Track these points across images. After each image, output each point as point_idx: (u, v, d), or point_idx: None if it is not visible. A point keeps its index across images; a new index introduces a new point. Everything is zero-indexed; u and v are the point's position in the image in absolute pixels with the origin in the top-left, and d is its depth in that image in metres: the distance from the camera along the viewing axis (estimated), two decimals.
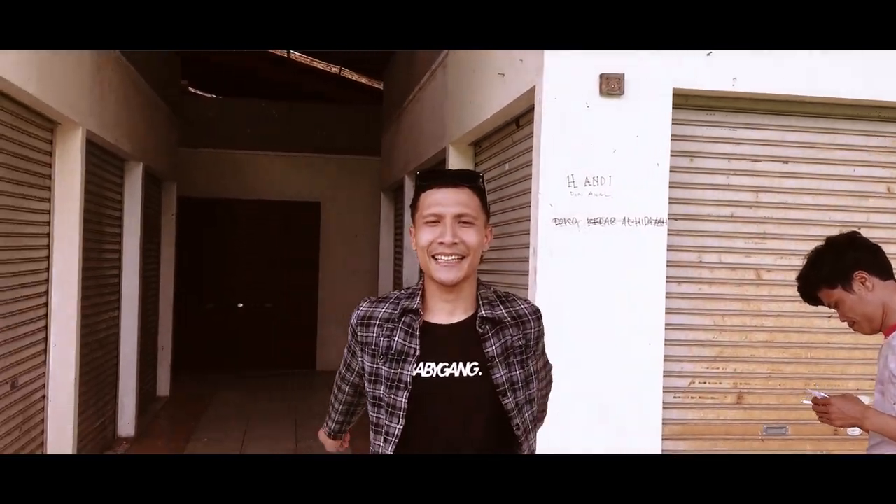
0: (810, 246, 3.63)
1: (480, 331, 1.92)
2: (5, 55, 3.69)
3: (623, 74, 3.44)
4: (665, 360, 3.57)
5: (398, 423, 1.88)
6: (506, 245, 4.32)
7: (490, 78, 4.38)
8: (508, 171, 4.47)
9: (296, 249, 11.27)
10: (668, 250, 3.57)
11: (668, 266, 3.57)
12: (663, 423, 3.59)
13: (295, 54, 10.57)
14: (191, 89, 12.65)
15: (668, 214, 3.55)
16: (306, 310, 11.31)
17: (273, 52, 10.41)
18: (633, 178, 3.46)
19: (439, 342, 1.92)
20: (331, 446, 2.34)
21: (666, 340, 3.57)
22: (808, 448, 3.75)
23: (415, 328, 1.93)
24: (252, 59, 10.46)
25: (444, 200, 1.91)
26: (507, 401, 1.90)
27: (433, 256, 1.90)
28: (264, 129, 11.17)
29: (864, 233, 3.72)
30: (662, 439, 3.56)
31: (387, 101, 9.65)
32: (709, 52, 3.50)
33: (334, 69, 11.16)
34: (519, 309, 1.98)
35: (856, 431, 2.54)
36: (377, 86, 10.96)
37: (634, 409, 3.48)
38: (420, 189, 1.97)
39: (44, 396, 4.86)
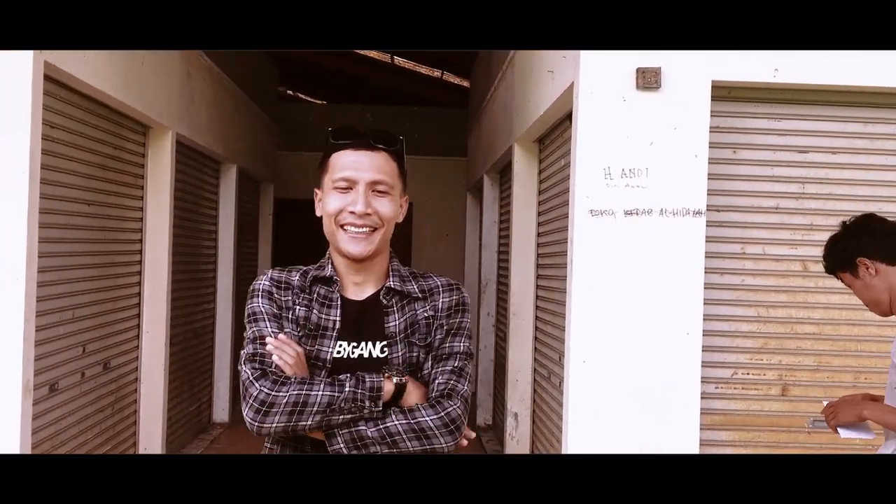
0: None
1: (384, 301, 1.77)
2: (100, 66, 4.10)
3: (660, 68, 3.50)
4: (706, 351, 3.61)
5: None
6: (566, 239, 4.43)
7: (543, 76, 4.51)
8: (564, 165, 4.58)
9: (391, 248, 11.62)
10: (710, 241, 3.60)
11: (709, 257, 3.60)
12: (705, 413, 3.63)
13: (398, 59, 10.97)
14: (293, 93, 13.28)
15: (710, 206, 3.59)
16: None
17: (376, 56, 10.83)
18: (670, 170, 3.52)
19: (350, 319, 1.75)
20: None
21: (708, 331, 3.61)
22: (856, 442, 3.68)
23: (332, 298, 1.76)
24: (354, 64, 10.91)
25: (359, 164, 1.73)
26: (398, 365, 1.73)
27: (341, 226, 1.73)
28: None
29: None
30: (703, 428, 3.59)
31: (471, 102, 9.86)
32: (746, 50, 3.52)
33: (436, 73, 11.49)
34: (431, 283, 1.82)
35: (865, 435, 2.55)
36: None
37: (672, 397, 3.53)
38: (331, 148, 1.77)
39: (136, 378, 5.31)
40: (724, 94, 3.61)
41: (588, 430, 3.55)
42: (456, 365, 1.75)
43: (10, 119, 3.44)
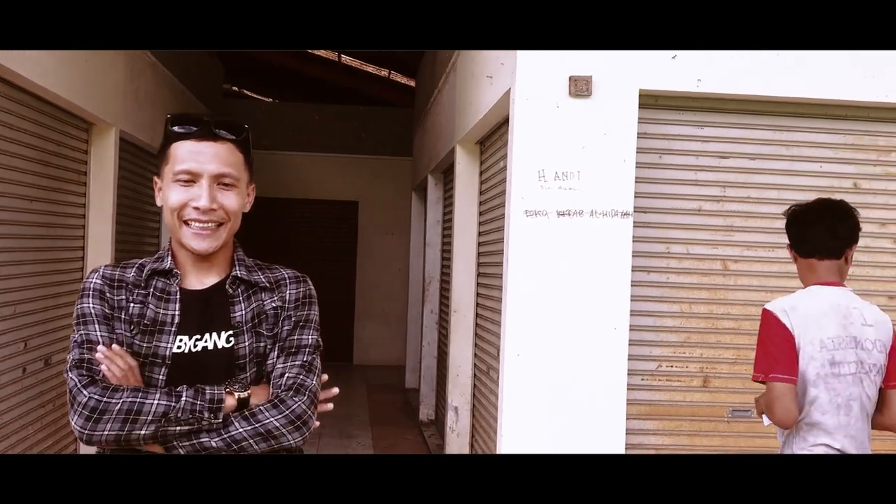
0: (777, 238, 3.87)
1: (230, 291, 1.70)
2: (42, 63, 4.12)
3: (591, 76, 3.69)
4: (633, 345, 3.81)
5: None
6: (500, 238, 4.60)
7: (483, 81, 4.67)
8: (503, 167, 4.74)
9: (335, 247, 11.72)
10: (637, 241, 3.80)
11: (636, 256, 3.80)
12: (632, 403, 3.83)
13: (346, 58, 11.03)
14: (240, 91, 13.23)
15: (637, 208, 3.79)
16: (344, 305, 11.73)
17: (324, 55, 10.88)
18: (600, 174, 3.71)
19: (191, 311, 1.68)
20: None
21: (634, 326, 3.81)
22: (772, 430, 3.93)
23: (171, 292, 1.68)
24: (302, 62, 10.93)
25: (201, 156, 1.63)
26: (242, 376, 1.67)
27: (185, 222, 1.64)
28: (306, 132, 11.63)
29: None
30: (629, 418, 3.80)
31: (417, 102, 10.00)
32: (674, 55, 3.73)
33: (384, 72, 11.59)
34: (278, 274, 1.78)
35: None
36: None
37: (601, 389, 3.71)
38: (172, 137, 1.66)
39: None
40: (651, 102, 3.81)
41: (522, 421, 3.72)
42: (305, 359, 1.71)
43: None
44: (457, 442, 5.85)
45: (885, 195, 3.97)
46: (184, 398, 1.57)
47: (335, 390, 1.84)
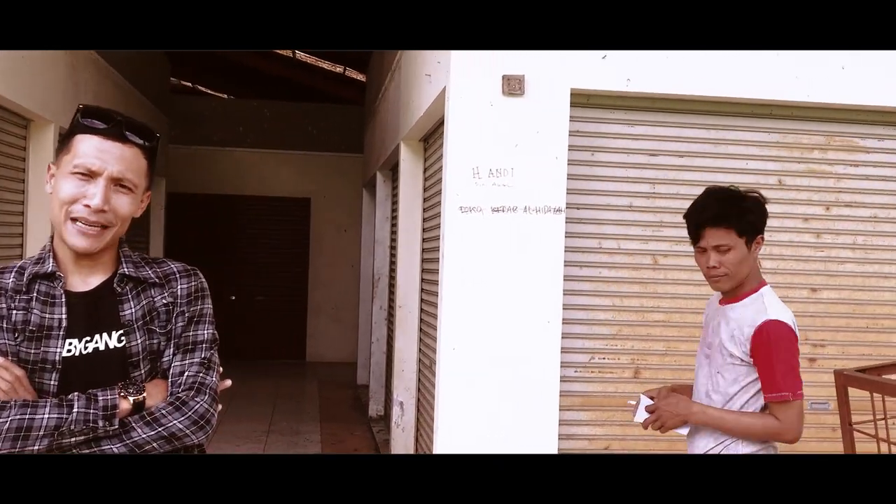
0: None
1: (118, 289, 1.67)
2: None
3: (523, 76, 3.77)
4: (566, 338, 3.91)
5: None
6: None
7: (422, 79, 4.73)
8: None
9: (287, 244, 11.70)
10: (569, 237, 3.90)
11: (569, 251, 3.90)
12: (565, 395, 3.93)
13: (300, 54, 10.99)
14: (192, 86, 13.09)
15: (569, 204, 3.88)
16: (297, 302, 11.72)
17: (278, 51, 10.83)
18: (533, 171, 3.79)
19: (79, 312, 1.64)
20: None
21: (567, 319, 3.90)
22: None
23: (55, 296, 1.63)
24: (254, 58, 10.86)
25: (105, 155, 1.60)
26: (136, 373, 1.64)
27: (72, 218, 1.60)
28: (257, 127, 11.58)
29: None
30: (563, 409, 3.89)
31: (367, 99, 10.02)
32: (604, 55, 3.83)
33: (339, 69, 11.57)
34: (167, 269, 1.74)
35: (685, 430, 2.53)
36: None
37: (535, 381, 3.80)
38: (80, 129, 1.62)
39: None
40: (582, 101, 3.91)
41: (457, 414, 3.79)
42: (203, 356, 1.69)
43: None
44: (402, 437, 5.91)
45: (807, 191, 4.12)
46: (76, 409, 1.54)
47: (228, 382, 1.80)
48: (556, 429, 3.80)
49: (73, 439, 1.54)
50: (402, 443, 5.90)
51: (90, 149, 1.60)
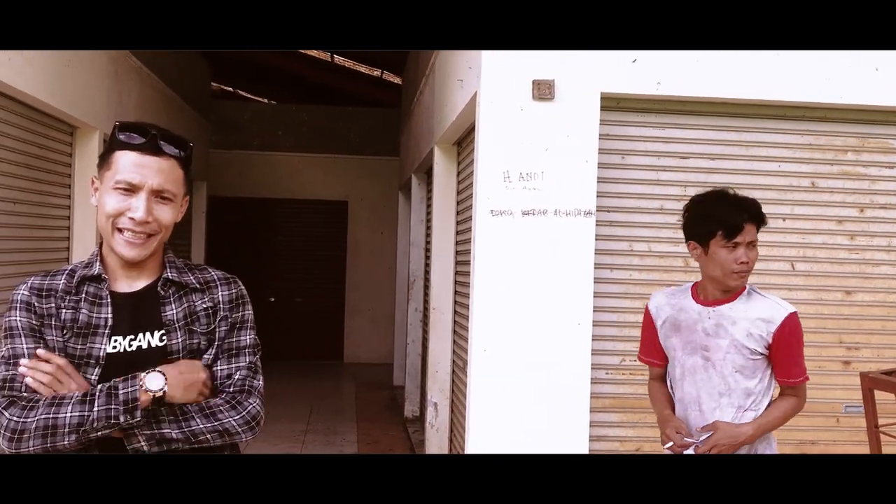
0: None
1: (162, 292, 1.77)
2: (24, 68, 4.23)
3: (553, 80, 3.81)
4: (597, 340, 3.93)
5: None
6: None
7: (455, 84, 4.79)
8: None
9: (325, 246, 11.84)
10: (600, 239, 3.92)
11: (600, 254, 3.93)
12: (596, 397, 3.96)
13: (338, 58, 11.14)
14: (234, 91, 13.33)
15: (600, 207, 3.91)
16: (334, 304, 11.85)
17: (315, 55, 10.99)
18: (563, 174, 3.83)
19: (124, 312, 1.75)
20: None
21: (598, 321, 3.93)
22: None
23: (102, 297, 1.74)
24: (293, 62, 11.03)
25: (144, 170, 1.69)
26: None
27: (118, 229, 1.71)
28: (296, 131, 11.75)
29: (789, 224, 4.06)
30: (594, 411, 3.92)
31: (403, 102, 10.12)
32: (634, 59, 3.85)
33: (376, 72, 11.70)
34: (208, 275, 1.84)
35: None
36: None
37: (565, 382, 3.83)
38: (118, 145, 1.71)
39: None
40: (612, 104, 3.93)
41: (488, 415, 3.84)
42: (250, 361, 1.80)
43: None
44: (436, 437, 5.97)
45: (841, 193, 4.09)
46: (97, 406, 1.61)
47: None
48: (586, 430, 3.83)
49: (99, 433, 1.62)
50: (436, 443, 5.96)
51: (129, 164, 1.70)
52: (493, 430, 3.83)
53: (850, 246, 4.10)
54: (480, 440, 3.83)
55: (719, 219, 2.53)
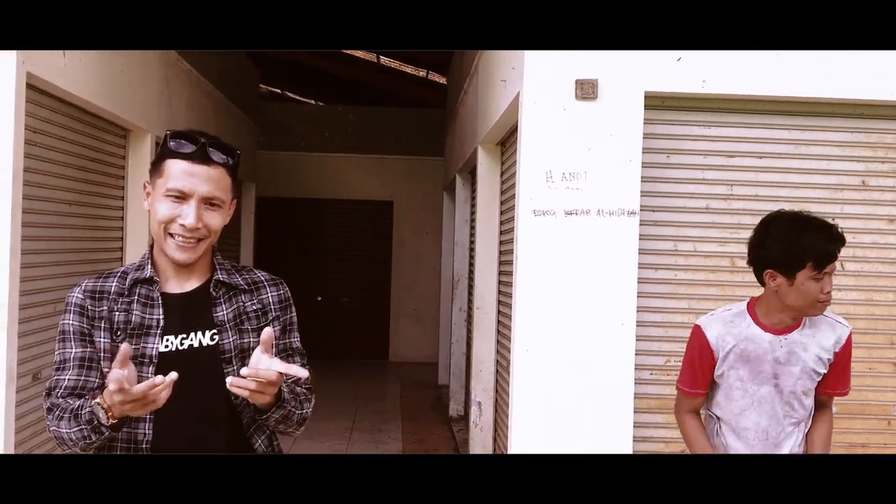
0: None
1: (214, 294, 1.83)
2: (79, 74, 4.37)
3: (597, 80, 3.80)
4: (641, 340, 3.91)
5: None
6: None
7: (498, 84, 4.80)
8: None
9: (370, 246, 11.95)
10: (644, 239, 3.90)
11: (644, 254, 3.90)
12: (640, 397, 3.94)
13: (384, 59, 11.25)
14: (282, 92, 13.52)
15: (644, 206, 3.89)
16: (380, 303, 11.95)
17: (362, 56, 11.11)
18: (607, 174, 3.81)
19: (176, 312, 1.81)
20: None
21: (642, 322, 3.91)
22: None
23: (153, 298, 1.80)
24: (339, 64, 11.17)
25: (194, 179, 1.74)
26: (229, 368, 1.79)
27: (170, 234, 1.77)
28: (342, 132, 11.88)
29: (839, 223, 3.99)
30: (638, 412, 3.90)
31: (448, 103, 10.15)
32: (679, 57, 3.82)
33: (422, 73, 11.79)
34: (255, 276, 1.91)
35: (834, 409, 2.67)
36: None
37: (609, 382, 3.82)
38: (169, 154, 1.76)
39: None
40: (657, 103, 3.91)
41: (531, 415, 3.84)
42: (303, 363, 1.90)
43: None
44: (480, 436, 5.99)
45: (893, 192, 4.00)
46: (73, 427, 1.68)
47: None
48: (631, 431, 3.82)
49: (97, 443, 1.71)
50: (480, 442, 5.99)
51: (179, 173, 1.75)
52: (536, 430, 3.83)
53: None
54: (523, 439, 3.84)
55: (810, 248, 2.32)
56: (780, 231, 2.39)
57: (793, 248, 2.34)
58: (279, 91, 13.82)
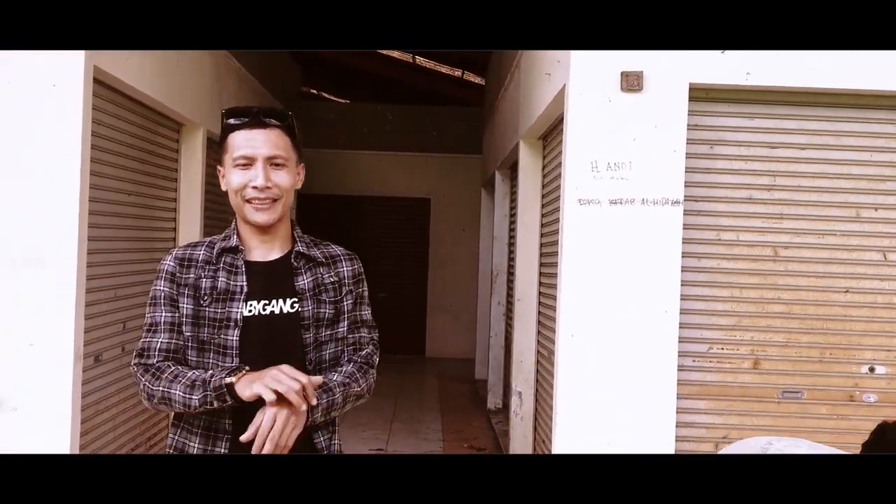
0: (826, 225, 4.01)
1: (295, 264, 1.95)
2: (140, 69, 4.56)
3: (642, 72, 3.89)
4: (685, 328, 3.99)
5: (231, 363, 1.86)
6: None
7: (542, 78, 4.90)
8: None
9: (408, 243, 12.11)
10: (688, 228, 3.98)
11: (687, 243, 3.98)
12: (683, 384, 4.01)
13: (420, 59, 11.42)
14: (318, 93, 13.74)
15: (688, 196, 3.97)
16: (417, 299, 12.09)
17: (398, 56, 11.29)
18: (651, 164, 3.90)
19: (259, 280, 1.92)
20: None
21: (685, 310, 3.99)
22: (823, 411, 4.06)
23: (238, 266, 1.92)
24: (376, 64, 11.35)
25: (255, 142, 1.87)
26: (307, 335, 1.91)
27: (247, 200, 1.89)
28: (379, 130, 12.05)
29: (882, 214, 4.04)
30: (681, 398, 3.98)
31: (486, 100, 10.26)
32: (723, 49, 3.89)
33: (457, 72, 11.94)
34: (332, 250, 2.04)
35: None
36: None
37: (652, 369, 3.91)
38: (228, 129, 1.91)
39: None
40: (701, 95, 3.98)
41: (575, 400, 3.94)
42: (373, 337, 2.05)
43: (63, 117, 3.88)
44: (521, 426, 6.09)
45: None
46: (196, 395, 1.80)
47: (319, 379, 1.96)
48: (673, 416, 3.90)
49: (204, 408, 1.82)
50: (520, 432, 6.09)
51: (241, 141, 1.89)
52: (580, 414, 3.93)
53: None
54: (568, 423, 3.93)
55: None
56: None
57: None
58: (315, 91, 14.04)
